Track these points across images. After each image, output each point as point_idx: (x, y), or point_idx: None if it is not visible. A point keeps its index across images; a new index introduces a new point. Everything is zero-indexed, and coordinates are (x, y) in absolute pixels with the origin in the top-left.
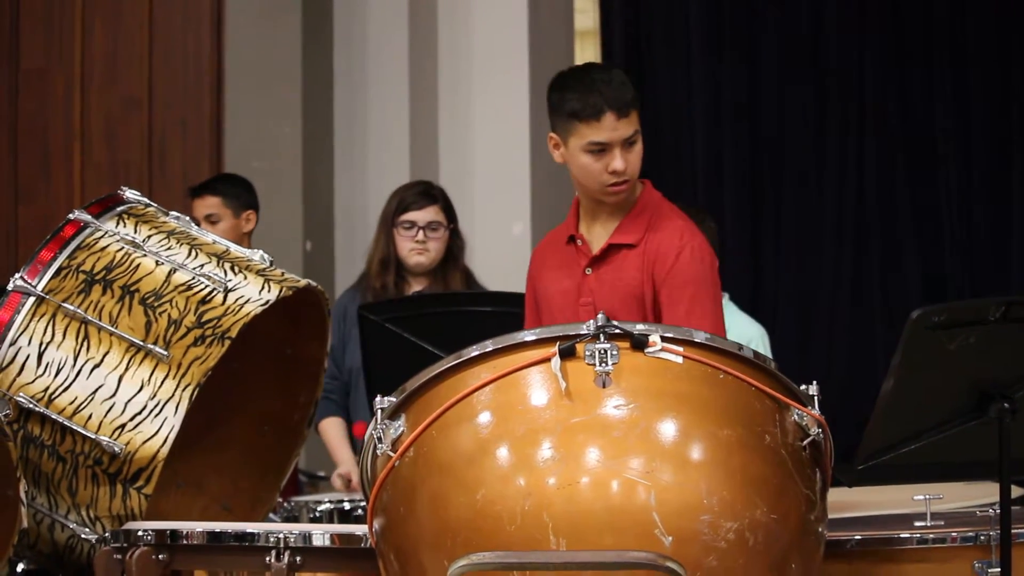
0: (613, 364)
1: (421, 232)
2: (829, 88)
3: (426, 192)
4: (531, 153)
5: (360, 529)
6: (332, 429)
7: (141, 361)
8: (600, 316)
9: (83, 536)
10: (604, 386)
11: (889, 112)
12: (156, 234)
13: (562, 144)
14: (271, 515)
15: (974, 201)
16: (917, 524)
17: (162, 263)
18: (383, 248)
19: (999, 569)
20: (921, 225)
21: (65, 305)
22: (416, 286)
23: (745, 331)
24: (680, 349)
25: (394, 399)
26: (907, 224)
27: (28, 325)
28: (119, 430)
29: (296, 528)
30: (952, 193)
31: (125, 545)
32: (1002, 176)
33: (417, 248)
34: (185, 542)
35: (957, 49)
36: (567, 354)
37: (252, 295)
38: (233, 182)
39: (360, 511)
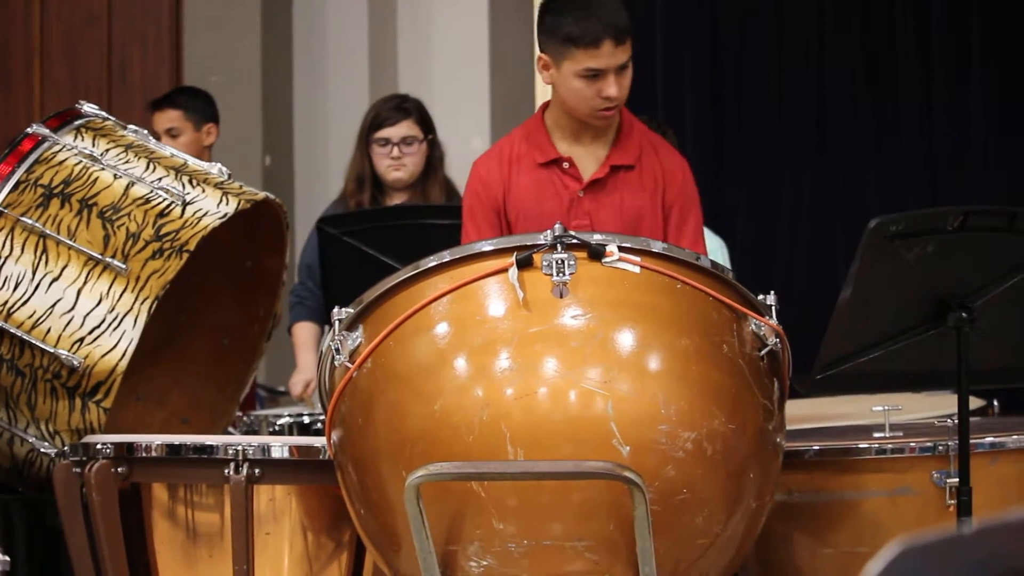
0: (570, 274)
1: (396, 148)
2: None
3: (399, 107)
4: (490, 66)
5: (319, 441)
6: (303, 332)
7: (99, 275)
8: (557, 226)
9: (42, 450)
10: (561, 296)
11: (851, 26)
12: (114, 148)
13: (553, 66)
14: (230, 430)
15: (935, 113)
16: (876, 435)
17: (120, 176)
18: (358, 165)
19: (957, 479)
20: (882, 135)
21: (23, 219)
22: (397, 201)
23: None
24: (637, 259)
25: (352, 310)
26: (868, 134)
27: None
28: (78, 344)
29: (255, 440)
30: (912, 105)
31: (84, 459)
32: (961, 92)
33: (394, 164)
34: (144, 455)
35: None
36: (524, 264)
37: (210, 208)
38: (194, 95)
39: (319, 425)
